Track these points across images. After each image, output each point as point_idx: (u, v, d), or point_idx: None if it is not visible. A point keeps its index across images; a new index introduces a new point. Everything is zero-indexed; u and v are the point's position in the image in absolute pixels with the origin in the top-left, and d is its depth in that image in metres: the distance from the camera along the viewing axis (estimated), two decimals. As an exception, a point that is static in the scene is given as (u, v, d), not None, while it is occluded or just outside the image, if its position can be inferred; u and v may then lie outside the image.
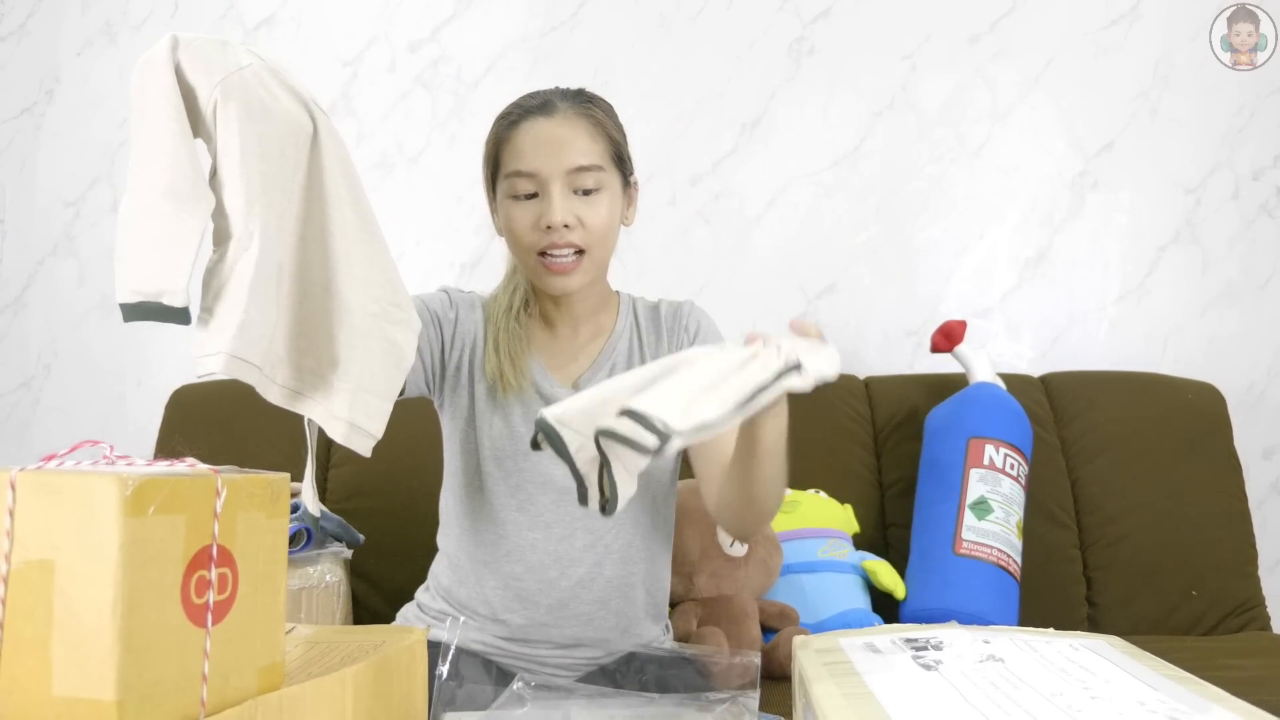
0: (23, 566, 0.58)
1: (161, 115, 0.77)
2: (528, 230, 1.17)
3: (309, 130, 0.83)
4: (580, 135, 1.17)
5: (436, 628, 1.27)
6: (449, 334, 1.25)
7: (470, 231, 2.30)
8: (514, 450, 1.23)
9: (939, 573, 1.71)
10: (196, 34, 0.79)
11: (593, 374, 1.26)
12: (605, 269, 1.26)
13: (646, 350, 1.30)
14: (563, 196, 1.16)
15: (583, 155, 1.16)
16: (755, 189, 2.29)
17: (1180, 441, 1.97)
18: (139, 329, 2.28)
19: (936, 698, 0.64)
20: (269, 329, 0.81)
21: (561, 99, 1.20)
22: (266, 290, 0.80)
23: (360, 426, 0.88)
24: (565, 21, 2.30)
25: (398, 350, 0.92)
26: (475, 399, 1.25)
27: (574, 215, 1.16)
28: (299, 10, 2.34)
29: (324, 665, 0.75)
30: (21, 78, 2.37)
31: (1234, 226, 2.25)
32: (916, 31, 2.29)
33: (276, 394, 0.85)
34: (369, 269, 0.89)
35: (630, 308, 1.33)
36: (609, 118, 1.22)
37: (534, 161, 1.16)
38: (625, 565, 1.26)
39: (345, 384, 0.87)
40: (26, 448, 2.33)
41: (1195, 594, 1.87)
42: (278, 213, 0.81)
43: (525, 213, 1.17)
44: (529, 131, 1.18)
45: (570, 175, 1.16)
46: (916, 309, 2.28)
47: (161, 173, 0.77)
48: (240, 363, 0.78)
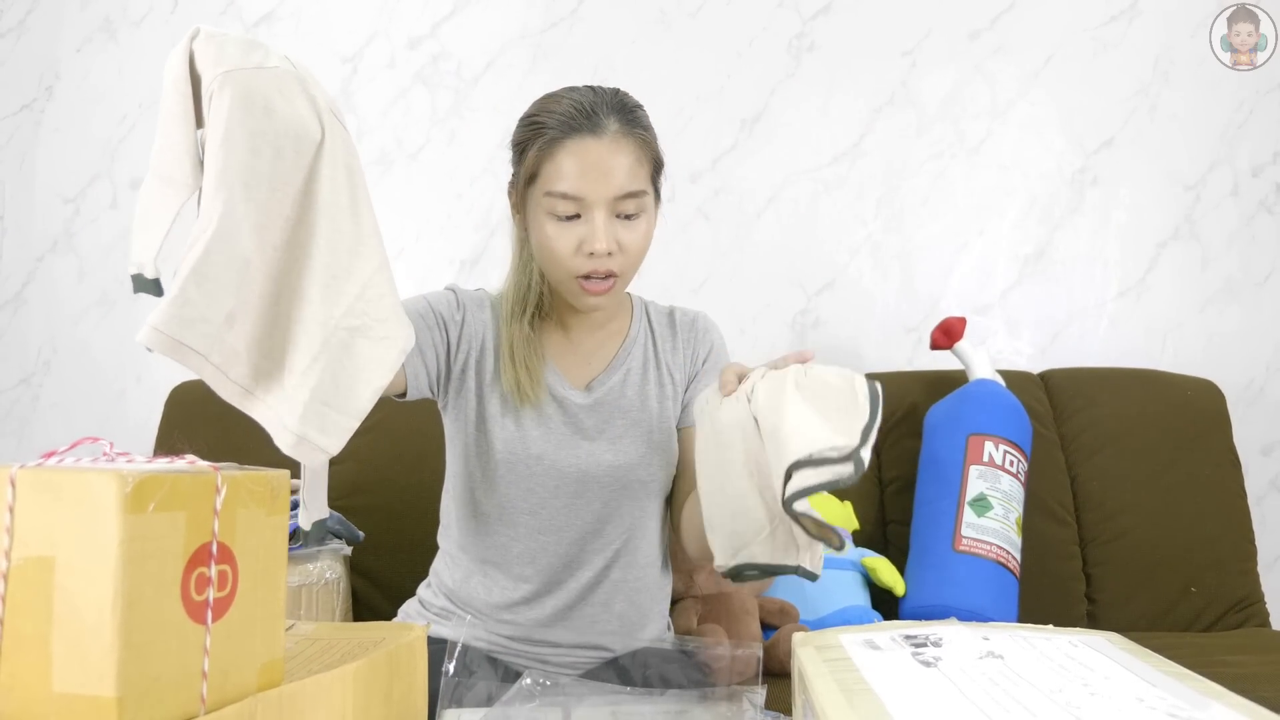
0: (23, 563, 0.58)
1: (167, 99, 0.80)
2: (568, 254, 1.12)
3: (315, 138, 0.82)
4: (628, 160, 1.12)
5: (439, 624, 1.27)
6: (455, 336, 1.23)
7: (470, 228, 2.30)
8: (525, 454, 1.21)
9: (938, 569, 1.71)
10: (226, 31, 0.80)
11: (607, 376, 1.26)
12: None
13: (662, 356, 1.29)
14: (606, 222, 1.11)
15: (630, 181, 1.12)
16: (755, 185, 2.29)
17: (1180, 438, 1.97)
18: (138, 325, 2.29)
19: (936, 694, 0.64)
20: (216, 317, 0.79)
21: (608, 113, 1.12)
22: (219, 277, 0.78)
23: (310, 440, 0.83)
24: (565, 18, 2.30)
25: (374, 367, 0.88)
26: (485, 401, 1.23)
27: (615, 241, 1.12)
28: (299, 6, 2.34)
29: (324, 662, 0.75)
30: (21, 74, 2.37)
31: (1233, 223, 2.25)
32: (916, 28, 2.29)
33: (229, 390, 0.82)
34: (357, 283, 0.86)
35: (643, 311, 1.32)
36: (650, 133, 1.17)
37: (580, 186, 1.10)
38: (631, 569, 1.26)
39: (300, 394, 0.83)
40: (26, 444, 2.33)
41: (1194, 590, 1.87)
42: (258, 208, 0.80)
43: (566, 235, 1.12)
44: (575, 152, 1.11)
45: (615, 201, 1.11)
46: (916, 305, 2.28)
47: (158, 154, 0.81)
48: (169, 340, 0.76)
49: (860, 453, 0.82)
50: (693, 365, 1.30)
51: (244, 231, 0.80)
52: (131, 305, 2.32)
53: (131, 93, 2.34)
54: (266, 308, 0.84)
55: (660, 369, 1.29)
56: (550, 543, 1.23)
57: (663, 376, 1.28)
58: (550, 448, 1.22)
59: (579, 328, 1.27)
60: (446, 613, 1.28)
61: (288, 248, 0.84)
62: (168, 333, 0.76)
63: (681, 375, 1.29)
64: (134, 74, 2.34)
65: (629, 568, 1.25)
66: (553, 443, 1.22)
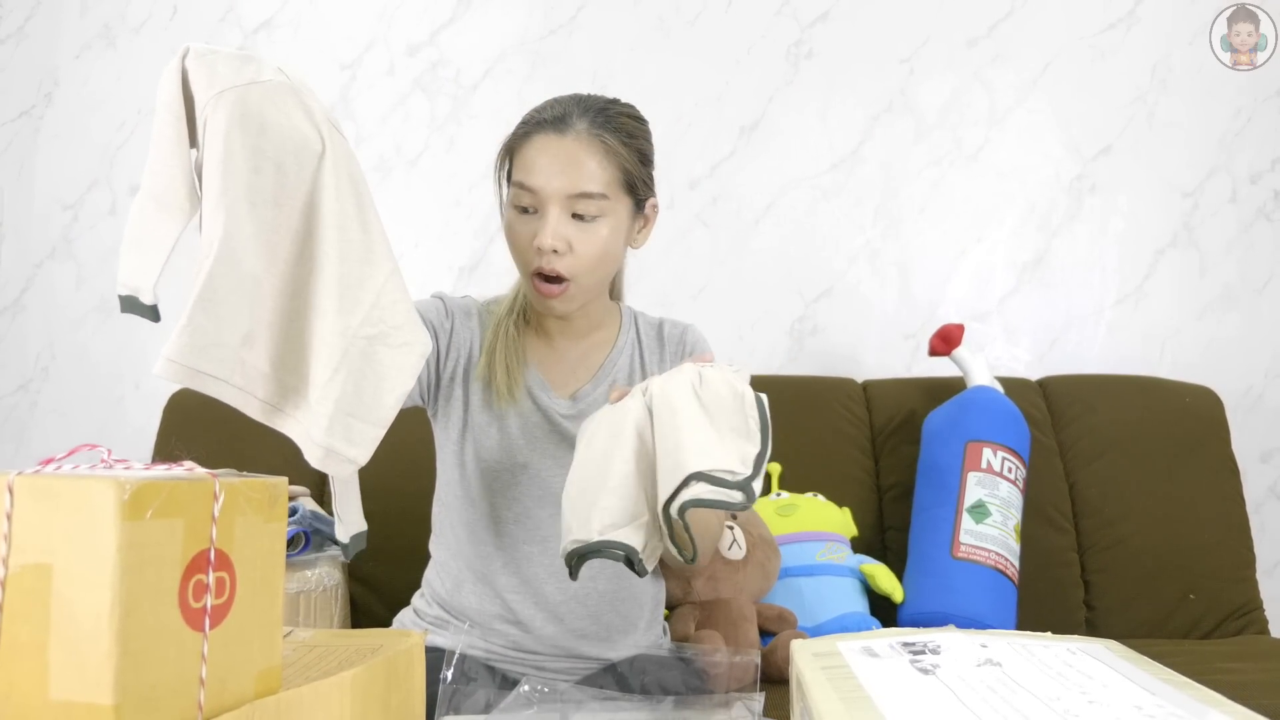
0: (20, 570, 0.58)
1: (159, 120, 0.79)
2: (524, 247, 1.15)
3: (316, 150, 0.82)
4: (588, 160, 1.13)
5: (435, 633, 1.27)
6: (444, 344, 1.23)
7: (469, 235, 2.30)
8: (510, 463, 1.22)
9: (937, 576, 1.71)
10: (218, 48, 0.80)
11: (593, 387, 1.25)
12: (598, 292, 1.22)
13: (648, 367, 1.28)
14: (558, 220, 1.12)
15: (587, 181, 1.12)
16: (753, 192, 2.29)
17: (1178, 445, 1.97)
18: (137, 332, 2.29)
19: (933, 701, 0.64)
20: (231, 339, 0.79)
21: (581, 115, 1.14)
22: (227, 299, 0.78)
23: (337, 451, 0.84)
24: (564, 25, 2.30)
25: (396, 374, 0.88)
26: (470, 410, 1.24)
27: (565, 240, 1.12)
28: (298, 13, 2.34)
29: (322, 669, 0.74)
30: (20, 80, 2.37)
31: (1231, 230, 2.26)
32: (914, 35, 2.29)
33: (256, 409, 0.82)
34: (372, 291, 0.86)
35: (632, 321, 1.32)
36: (628, 141, 1.16)
37: (536, 178, 1.13)
38: (619, 580, 1.25)
39: (324, 406, 0.83)
40: (24, 450, 2.33)
41: (1193, 597, 1.87)
42: (265, 225, 0.80)
43: (523, 227, 1.15)
44: (538, 145, 1.14)
45: (570, 200, 1.12)
46: (914, 312, 2.28)
47: (152, 176, 0.80)
48: (185, 370, 0.76)
49: (752, 485, 0.84)
50: None
51: (250, 250, 0.79)
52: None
53: (130, 99, 2.34)
54: (285, 324, 0.83)
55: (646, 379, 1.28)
56: (535, 553, 1.23)
57: None
58: (535, 457, 1.22)
59: (560, 335, 1.27)
60: (442, 621, 1.27)
61: (299, 261, 0.84)
62: (183, 362, 0.76)
63: None
64: (133, 80, 2.35)
65: (616, 579, 1.25)
66: (537, 452, 1.22)
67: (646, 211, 1.23)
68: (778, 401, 1.39)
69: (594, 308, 1.25)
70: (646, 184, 1.20)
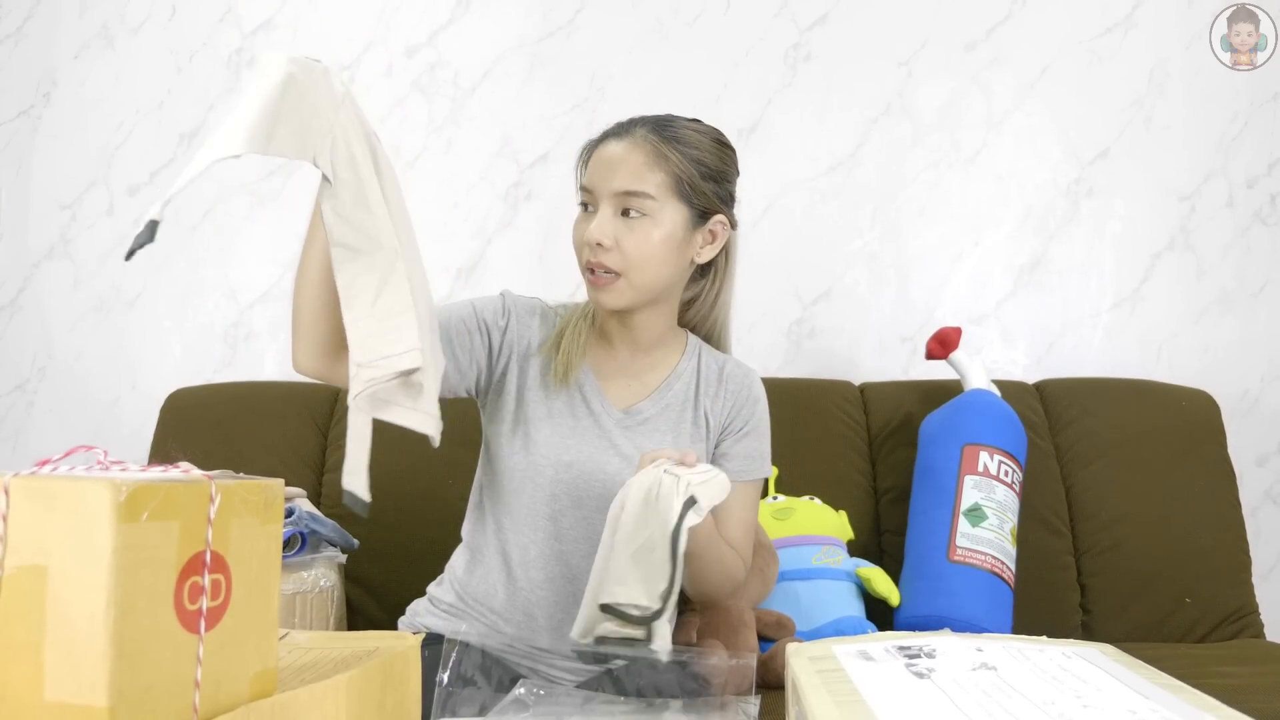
0: (15, 572, 0.58)
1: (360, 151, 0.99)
2: (578, 241, 1.22)
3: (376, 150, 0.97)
4: (637, 161, 1.19)
5: (446, 620, 1.29)
6: (497, 341, 1.28)
7: (466, 237, 2.30)
8: (558, 460, 1.25)
9: (933, 579, 1.71)
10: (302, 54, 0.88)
11: (650, 404, 1.29)
12: (652, 295, 1.25)
13: (703, 400, 1.31)
14: (607, 215, 1.19)
15: (633, 180, 1.19)
16: (751, 195, 2.29)
17: (1174, 449, 1.97)
18: (134, 334, 2.29)
19: (929, 706, 0.64)
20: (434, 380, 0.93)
21: (644, 124, 1.23)
22: (433, 354, 0.94)
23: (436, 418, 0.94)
24: (562, 27, 2.30)
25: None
26: (524, 405, 1.28)
27: (612, 236, 1.18)
28: (296, 14, 2.34)
29: (317, 671, 0.75)
30: (18, 80, 2.37)
31: (1228, 234, 2.26)
32: (912, 38, 2.30)
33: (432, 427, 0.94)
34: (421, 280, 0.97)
35: (696, 352, 1.35)
36: (682, 148, 1.21)
37: (592, 178, 1.22)
38: None
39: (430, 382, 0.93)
40: (20, 452, 2.32)
41: (1189, 601, 1.87)
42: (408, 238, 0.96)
43: (581, 225, 1.22)
44: (601, 150, 1.23)
45: (618, 197, 1.19)
46: (911, 315, 2.28)
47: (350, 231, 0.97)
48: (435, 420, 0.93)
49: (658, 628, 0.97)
50: (729, 420, 1.32)
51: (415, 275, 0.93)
52: (126, 312, 2.32)
53: (129, 99, 2.34)
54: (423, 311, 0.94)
55: (697, 411, 1.31)
56: (564, 551, 1.26)
57: (698, 418, 1.31)
58: (582, 458, 1.26)
59: (622, 344, 1.31)
60: (455, 609, 1.30)
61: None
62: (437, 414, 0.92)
63: (716, 424, 1.32)
64: (131, 81, 2.34)
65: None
66: (585, 453, 1.26)
67: (712, 226, 1.26)
68: (775, 404, 1.40)
69: (654, 321, 1.29)
70: (707, 196, 1.23)
